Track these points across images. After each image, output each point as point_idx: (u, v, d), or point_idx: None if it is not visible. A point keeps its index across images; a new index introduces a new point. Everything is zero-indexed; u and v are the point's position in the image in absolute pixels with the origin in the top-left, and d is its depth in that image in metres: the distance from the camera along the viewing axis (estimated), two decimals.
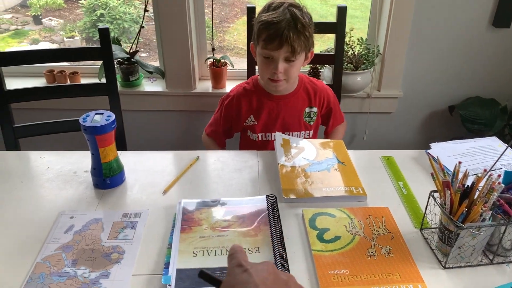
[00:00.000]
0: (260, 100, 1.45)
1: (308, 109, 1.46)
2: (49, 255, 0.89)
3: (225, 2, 2.77)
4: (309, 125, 1.48)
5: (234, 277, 0.59)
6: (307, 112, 1.46)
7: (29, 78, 2.10)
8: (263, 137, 1.47)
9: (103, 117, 1.03)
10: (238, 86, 1.51)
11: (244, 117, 1.46)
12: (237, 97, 1.47)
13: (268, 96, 1.44)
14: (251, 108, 1.45)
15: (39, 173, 1.15)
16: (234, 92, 1.49)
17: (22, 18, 2.83)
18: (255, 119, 1.45)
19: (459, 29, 1.96)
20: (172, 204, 1.03)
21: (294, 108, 1.45)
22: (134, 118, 2.06)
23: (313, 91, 1.48)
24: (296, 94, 1.45)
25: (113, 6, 2.56)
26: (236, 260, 0.61)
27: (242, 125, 1.47)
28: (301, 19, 1.30)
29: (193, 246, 0.90)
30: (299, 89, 1.46)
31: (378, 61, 2.03)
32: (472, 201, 0.85)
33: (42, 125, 1.51)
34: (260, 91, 1.45)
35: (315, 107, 1.47)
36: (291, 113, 1.45)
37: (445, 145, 1.26)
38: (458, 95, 2.12)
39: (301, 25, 1.29)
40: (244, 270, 0.58)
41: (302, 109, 1.46)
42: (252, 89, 1.46)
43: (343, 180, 1.11)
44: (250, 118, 1.45)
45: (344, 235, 0.94)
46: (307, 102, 1.47)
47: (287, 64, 1.33)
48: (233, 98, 1.48)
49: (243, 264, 0.59)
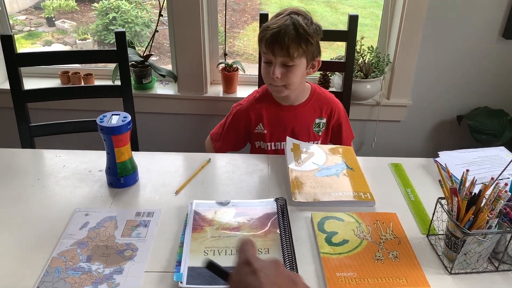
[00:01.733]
0: (269, 109, 1.46)
1: (318, 120, 1.47)
2: (65, 250, 0.92)
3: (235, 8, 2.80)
4: (318, 135, 1.49)
5: (241, 277, 0.57)
6: (317, 123, 1.47)
7: (44, 78, 2.15)
8: (274, 146, 1.48)
9: (119, 118, 1.06)
10: (249, 96, 1.52)
11: (254, 124, 1.47)
12: (246, 106, 1.48)
13: (278, 106, 1.46)
14: (261, 117, 1.46)
15: (55, 171, 1.19)
16: (245, 102, 1.51)
17: (35, 19, 2.88)
18: (264, 128, 1.46)
19: (469, 40, 1.98)
20: (184, 204, 1.06)
21: (305, 119, 1.46)
22: (146, 120, 2.10)
23: (326, 102, 1.48)
24: (307, 104, 1.46)
25: (125, 10, 2.60)
26: (244, 256, 0.59)
27: (252, 133, 1.49)
28: (303, 26, 1.30)
29: (204, 246, 0.92)
30: (310, 99, 1.46)
31: (388, 69, 2.05)
32: (479, 209, 0.87)
33: (58, 124, 1.55)
34: (271, 100, 1.46)
35: (324, 118, 1.48)
36: (301, 123, 1.45)
37: (453, 153, 1.27)
38: (466, 105, 2.13)
39: (302, 31, 1.30)
40: (252, 271, 0.56)
41: (312, 120, 1.47)
42: (262, 98, 1.48)
43: (351, 186, 1.13)
44: (259, 126, 1.46)
45: (352, 239, 0.96)
46: (318, 113, 1.47)
47: (284, 69, 1.33)
48: (243, 106, 1.49)
49: (252, 263, 0.57)
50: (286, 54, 1.30)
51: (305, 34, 1.30)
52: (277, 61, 1.32)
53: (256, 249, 0.61)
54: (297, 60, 1.32)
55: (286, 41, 1.28)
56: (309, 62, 1.37)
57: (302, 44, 1.30)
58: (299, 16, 1.33)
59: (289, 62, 1.32)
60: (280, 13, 1.36)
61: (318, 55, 1.40)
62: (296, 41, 1.29)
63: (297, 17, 1.32)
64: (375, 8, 2.56)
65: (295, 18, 1.31)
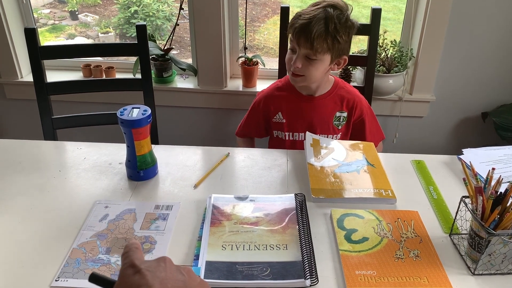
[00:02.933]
0: (290, 99, 1.46)
1: (338, 113, 1.45)
2: (85, 242, 0.93)
3: (256, 1, 2.78)
4: (337, 129, 1.47)
5: (125, 279, 0.54)
6: (337, 116, 1.45)
7: (66, 71, 2.18)
8: (291, 136, 1.47)
9: (139, 111, 1.06)
10: (272, 84, 1.53)
11: (273, 113, 1.47)
12: (267, 94, 1.49)
13: (298, 96, 1.45)
14: (280, 106, 1.46)
15: (76, 163, 1.20)
16: (266, 89, 1.52)
17: (59, 13, 2.92)
18: (283, 117, 1.46)
19: (495, 34, 1.92)
20: (203, 198, 1.06)
21: (324, 111, 1.45)
22: (166, 114, 2.11)
23: (348, 96, 1.46)
24: (327, 97, 1.45)
25: (147, 4, 2.61)
26: (128, 259, 0.56)
27: (271, 122, 1.49)
28: (335, 22, 1.27)
29: (222, 240, 0.92)
30: (331, 92, 1.45)
31: (411, 64, 2.01)
32: (505, 208, 0.84)
33: (79, 117, 1.56)
34: (292, 89, 1.46)
35: (345, 112, 1.46)
36: (320, 115, 1.45)
37: (478, 151, 1.24)
38: (491, 101, 2.08)
39: (333, 26, 1.27)
40: (136, 271, 0.54)
41: (333, 113, 1.45)
42: (284, 87, 1.48)
43: (372, 182, 1.11)
44: (278, 115, 1.46)
45: (372, 236, 0.94)
46: (339, 106, 1.46)
47: (306, 61, 1.32)
48: (264, 94, 1.50)
49: (136, 264, 0.55)
50: (310, 47, 1.29)
51: (334, 32, 1.28)
52: (301, 52, 1.32)
53: (141, 252, 0.58)
54: (320, 55, 1.31)
55: (313, 34, 1.27)
56: (334, 59, 1.36)
57: (328, 41, 1.28)
58: (336, 10, 1.30)
59: (312, 56, 1.31)
60: (318, 3, 1.33)
61: (346, 53, 1.38)
62: (322, 36, 1.27)
63: (332, 12, 1.29)
64: (398, 1, 2.51)
65: (329, 12, 1.28)
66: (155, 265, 0.56)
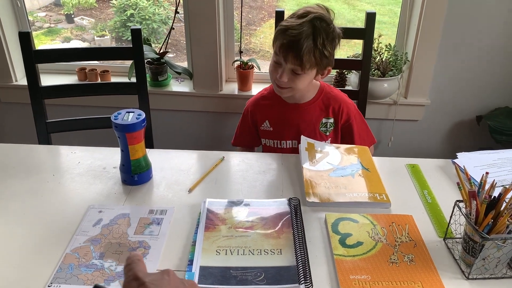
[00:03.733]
0: (275, 107, 1.44)
1: (325, 120, 1.44)
2: (78, 247, 0.92)
3: (252, 5, 2.79)
4: (325, 135, 1.46)
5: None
6: (324, 123, 1.43)
7: (61, 75, 2.17)
8: (279, 144, 1.47)
9: (133, 116, 1.06)
10: (257, 93, 1.52)
11: (260, 121, 1.47)
12: (253, 103, 1.49)
13: (284, 104, 1.44)
14: (267, 114, 1.46)
15: (70, 167, 1.19)
16: (253, 98, 1.52)
17: (55, 16, 2.91)
18: (270, 125, 1.45)
19: (489, 38, 1.93)
20: (197, 202, 1.06)
21: (310, 118, 1.43)
22: (161, 117, 2.10)
23: (331, 101, 1.44)
24: (313, 103, 1.43)
25: (143, 7, 2.62)
26: (132, 272, 0.55)
27: (260, 129, 1.48)
28: (323, 37, 1.26)
29: (216, 245, 0.92)
30: (317, 98, 1.43)
31: (406, 68, 2.02)
32: (499, 213, 0.85)
33: (74, 121, 1.56)
34: (277, 98, 1.44)
35: (331, 118, 1.44)
36: (306, 122, 1.43)
37: (472, 155, 1.24)
38: (486, 104, 2.09)
39: (321, 41, 1.25)
40: (140, 284, 0.53)
41: (319, 119, 1.44)
42: (269, 96, 1.47)
43: (367, 186, 1.11)
44: (265, 123, 1.46)
45: (367, 241, 0.94)
46: (324, 112, 1.44)
47: (292, 75, 1.30)
48: (251, 103, 1.51)
49: (140, 277, 0.54)
50: (298, 63, 1.27)
51: (322, 47, 1.26)
52: (287, 67, 1.29)
53: (144, 264, 0.58)
54: (307, 70, 1.29)
55: (302, 51, 1.24)
56: (320, 71, 1.34)
57: (316, 55, 1.27)
58: (322, 22, 1.27)
59: (298, 71, 1.29)
60: (303, 15, 1.28)
61: (331, 64, 1.36)
62: (311, 52, 1.25)
63: (319, 25, 1.26)
64: (393, 5, 2.52)
65: (316, 26, 1.26)
66: (159, 278, 0.55)
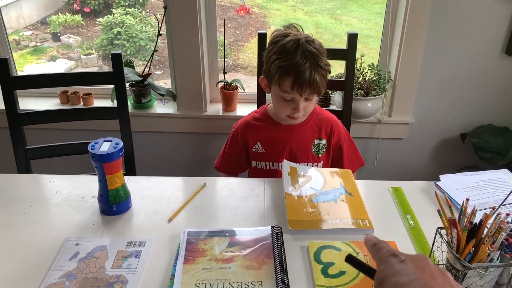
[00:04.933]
0: (268, 129, 1.44)
1: (317, 141, 1.44)
2: (53, 283, 0.89)
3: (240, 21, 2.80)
4: (317, 157, 1.46)
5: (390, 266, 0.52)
6: (316, 144, 1.44)
7: (43, 98, 2.14)
8: (271, 166, 1.46)
9: (111, 145, 1.04)
10: (248, 115, 1.51)
11: (252, 143, 1.45)
12: (244, 124, 1.47)
13: (276, 125, 1.44)
14: (259, 135, 1.45)
15: (48, 197, 1.17)
16: (243, 120, 1.50)
17: (41, 35, 2.89)
18: (262, 147, 1.44)
19: (471, 56, 1.95)
20: (177, 232, 1.03)
21: (303, 139, 1.44)
22: (145, 139, 2.08)
23: (324, 122, 1.46)
24: (305, 125, 1.44)
25: (130, 25, 2.61)
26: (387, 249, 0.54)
27: (250, 152, 1.47)
28: (321, 57, 1.28)
29: (195, 278, 0.89)
30: (309, 120, 1.44)
31: (389, 87, 2.03)
32: (480, 240, 0.84)
33: (53, 147, 1.53)
34: (269, 120, 1.44)
35: (324, 139, 1.45)
36: (299, 143, 1.43)
37: (455, 177, 1.24)
38: (470, 122, 2.10)
39: (323, 63, 1.29)
40: (401, 260, 0.52)
41: (311, 140, 1.44)
42: (261, 118, 1.46)
43: (350, 212, 1.10)
44: (257, 145, 1.45)
45: (349, 270, 0.93)
46: (316, 133, 1.45)
47: (306, 103, 1.33)
48: (241, 125, 1.48)
49: (398, 254, 0.53)
50: (316, 92, 1.30)
51: (325, 65, 1.30)
52: (302, 98, 1.31)
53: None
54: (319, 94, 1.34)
55: (316, 82, 1.27)
56: None
57: (325, 75, 1.31)
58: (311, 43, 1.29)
59: (311, 97, 1.32)
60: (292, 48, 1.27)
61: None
62: (321, 77, 1.29)
63: (313, 47, 1.28)
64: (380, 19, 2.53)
65: (311, 51, 1.27)
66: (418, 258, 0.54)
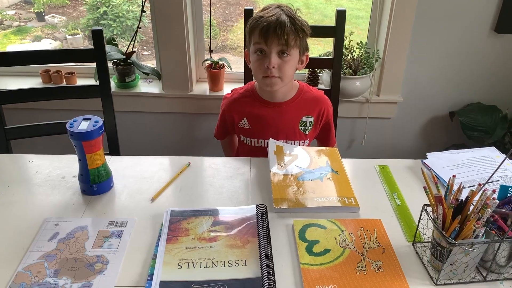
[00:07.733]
0: (255, 106, 1.42)
1: (305, 118, 1.42)
2: (31, 264, 0.87)
3: (229, 1, 2.75)
4: (304, 135, 1.44)
5: None
6: (304, 121, 1.42)
7: (25, 77, 2.09)
8: (256, 143, 1.44)
9: (90, 123, 1.01)
10: (235, 89, 1.49)
11: (238, 118, 1.43)
12: (231, 99, 1.46)
13: (263, 103, 1.41)
14: (245, 111, 1.42)
15: (27, 177, 1.14)
16: (230, 94, 1.48)
17: (25, 14, 2.81)
18: (249, 123, 1.42)
19: (460, 34, 1.93)
20: (160, 212, 1.01)
21: (290, 116, 1.42)
22: (129, 120, 2.04)
23: (314, 100, 1.44)
24: (293, 102, 1.42)
25: (116, 4, 2.55)
26: None
27: (237, 127, 1.45)
28: (296, 18, 1.31)
29: (178, 258, 0.88)
30: (297, 97, 1.42)
31: (377, 65, 2.00)
32: (466, 217, 0.83)
33: (34, 127, 1.49)
34: (256, 96, 1.42)
35: (312, 117, 1.43)
36: (286, 121, 1.41)
37: (442, 155, 1.23)
38: (459, 101, 2.09)
39: (297, 21, 1.30)
40: None
41: (298, 118, 1.42)
42: (248, 94, 1.44)
43: (335, 190, 1.09)
44: (243, 121, 1.42)
45: (334, 248, 0.92)
46: (305, 111, 1.43)
47: (280, 60, 1.31)
48: (229, 99, 1.47)
49: None
50: (284, 42, 1.28)
51: (301, 25, 1.30)
52: (273, 51, 1.30)
53: None
54: (292, 50, 1.31)
55: (283, 29, 1.27)
56: (300, 56, 1.36)
57: (298, 34, 1.30)
58: (289, 10, 1.33)
59: (286, 51, 1.30)
60: (268, 7, 1.34)
61: (307, 50, 1.39)
62: (292, 30, 1.28)
63: (289, 10, 1.33)
64: None
65: (287, 11, 1.32)
66: None
